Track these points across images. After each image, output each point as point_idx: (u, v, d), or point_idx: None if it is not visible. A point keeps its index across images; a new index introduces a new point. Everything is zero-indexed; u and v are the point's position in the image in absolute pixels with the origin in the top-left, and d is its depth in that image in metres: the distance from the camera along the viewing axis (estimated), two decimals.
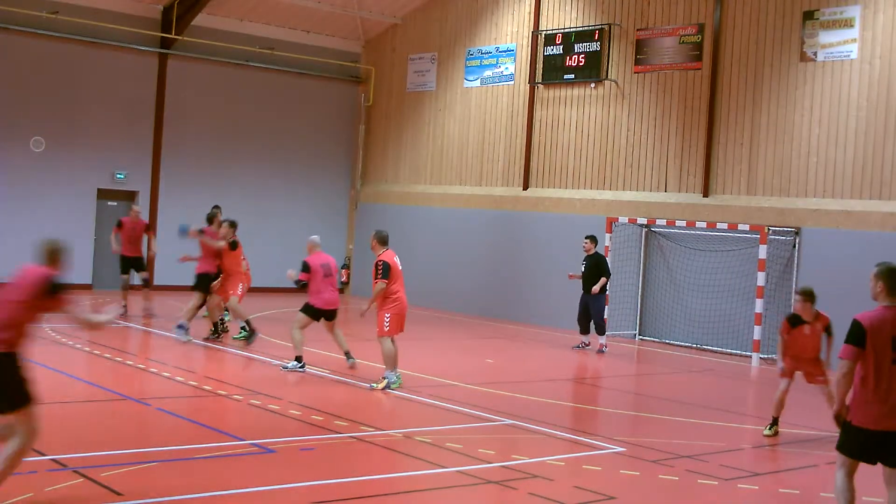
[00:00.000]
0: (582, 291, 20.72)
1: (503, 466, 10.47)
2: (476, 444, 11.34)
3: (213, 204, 21.87)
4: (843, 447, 8.08)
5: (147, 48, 27.23)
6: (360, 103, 31.07)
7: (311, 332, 19.51)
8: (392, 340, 14.68)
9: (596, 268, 20.56)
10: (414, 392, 14.45)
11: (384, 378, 14.62)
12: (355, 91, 31.17)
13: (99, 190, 26.86)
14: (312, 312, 15.91)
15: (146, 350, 18.26)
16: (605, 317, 21.19)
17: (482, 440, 11.47)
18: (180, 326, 18.33)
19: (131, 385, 14.39)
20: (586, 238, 20.73)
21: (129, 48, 26.94)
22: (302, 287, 16.07)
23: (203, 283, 18.80)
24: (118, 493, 8.54)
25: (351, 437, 11.34)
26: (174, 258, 21.38)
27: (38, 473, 8.99)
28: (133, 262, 22.17)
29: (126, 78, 27.11)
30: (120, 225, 22.02)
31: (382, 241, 15.28)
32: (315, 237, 16.65)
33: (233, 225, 18.79)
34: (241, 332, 18.85)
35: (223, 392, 13.90)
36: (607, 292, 21.07)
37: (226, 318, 19.55)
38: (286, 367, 15.85)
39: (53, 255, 8.30)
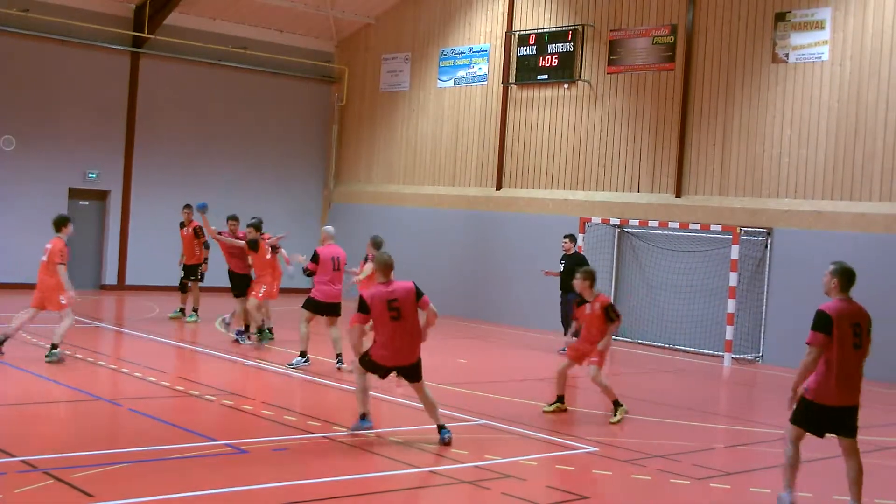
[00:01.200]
0: (560, 291, 20.70)
1: (476, 466, 10.47)
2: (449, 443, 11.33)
3: (185, 203, 21.87)
4: (800, 422, 9.18)
5: (119, 47, 27.09)
6: (333, 103, 31.02)
7: (285, 332, 19.45)
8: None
9: (577, 267, 20.49)
10: (386, 392, 14.43)
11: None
12: (328, 91, 31.12)
13: (70, 189, 26.70)
14: (313, 305, 15.97)
15: (118, 350, 18.16)
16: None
17: (455, 440, 11.45)
18: (239, 333, 18.40)
19: (103, 386, 14.31)
20: (565, 237, 20.73)
21: (101, 47, 26.79)
22: (309, 276, 16.09)
23: (237, 285, 18.75)
24: (89, 495, 8.48)
25: (324, 437, 11.31)
26: (147, 256, 21.31)
27: (8, 475, 8.93)
28: None
29: (98, 77, 26.96)
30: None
31: (377, 246, 16.54)
32: (329, 227, 16.62)
33: (257, 227, 18.38)
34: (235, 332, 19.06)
35: (196, 392, 13.84)
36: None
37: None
38: (292, 365, 15.97)
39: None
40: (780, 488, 9.46)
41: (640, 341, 22.75)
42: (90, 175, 26.92)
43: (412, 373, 11.33)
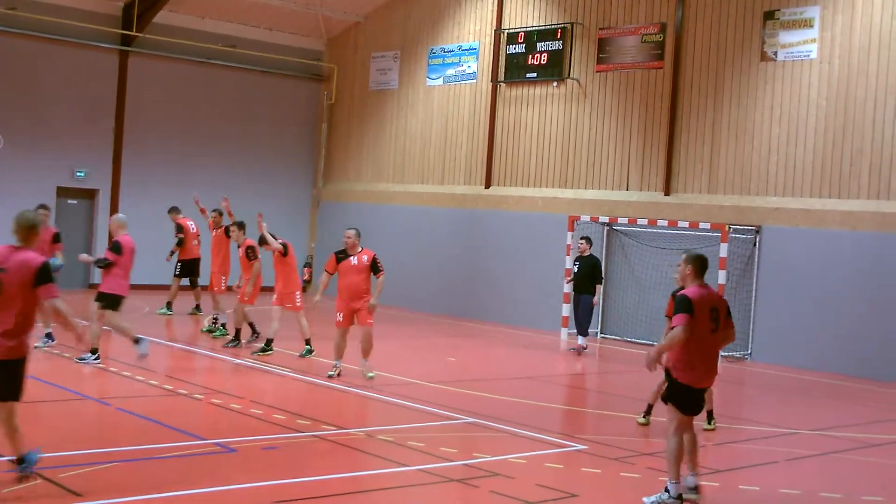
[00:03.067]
0: (574, 293, 20.75)
1: (465, 465, 10.47)
2: (438, 442, 11.33)
3: (173, 202, 21.95)
4: (684, 408, 9.43)
5: (108, 45, 27.02)
6: (322, 101, 31.00)
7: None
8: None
9: (591, 270, 20.51)
10: (376, 390, 14.43)
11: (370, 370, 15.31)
12: (318, 89, 31.09)
13: (59, 188, 26.63)
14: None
15: (106, 349, 18.11)
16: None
17: (444, 438, 11.46)
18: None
19: (91, 385, 14.28)
20: (582, 239, 20.77)
21: (90, 45, 26.73)
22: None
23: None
24: (77, 494, 8.46)
25: (313, 436, 11.30)
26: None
27: None
28: None
29: (86, 75, 26.89)
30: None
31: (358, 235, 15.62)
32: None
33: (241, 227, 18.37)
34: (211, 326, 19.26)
35: (184, 391, 13.81)
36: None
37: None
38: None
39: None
40: (770, 487, 9.45)
41: (629, 339, 22.77)
42: (78, 174, 26.86)
43: None
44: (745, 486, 10.42)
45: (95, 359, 15.30)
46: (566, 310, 22.74)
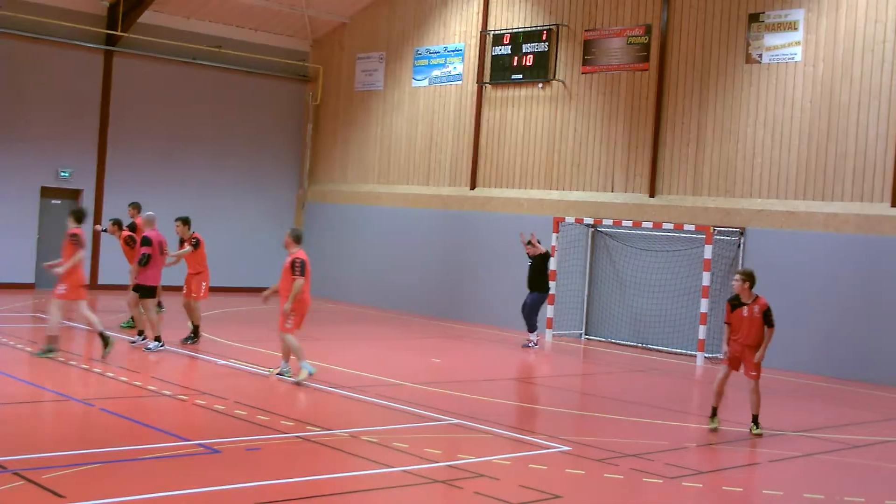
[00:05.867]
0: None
1: (449, 466, 10.47)
2: (422, 443, 11.34)
3: (158, 202, 21.85)
4: None
5: (92, 45, 26.94)
6: (307, 102, 30.97)
7: (259, 331, 19.45)
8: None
9: (539, 268, 21.44)
10: (360, 391, 14.43)
11: (302, 368, 14.91)
12: (303, 90, 31.06)
13: (43, 188, 26.55)
14: None
15: (90, 350, 18.05)
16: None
17: (428, 440, 11.47)
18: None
19: (74, 385, 14.23)
20: (527, 243, 21.44)
21: (75, 45, 26.65)
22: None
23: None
24: (60, 496, 8.44)
25: (297, 436, 11.29)
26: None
27: None
28: None
29: (71, 75, 26.81)
30: None
31: (297, 239, 15.49)
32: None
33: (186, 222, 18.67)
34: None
35: (168, 392, 13.78)
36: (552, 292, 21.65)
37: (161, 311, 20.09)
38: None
39: None
40: (753, 488, 9.49)
41: (613, 340, 22.81)
42: (63, 174, 26.77)
43: None
44: (729, 486, 10.45)
45: (161, 346, 17.06)
46: (551, 311, 22.80)
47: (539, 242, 21.41)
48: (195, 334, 18.31)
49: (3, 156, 25.85)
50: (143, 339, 17.56)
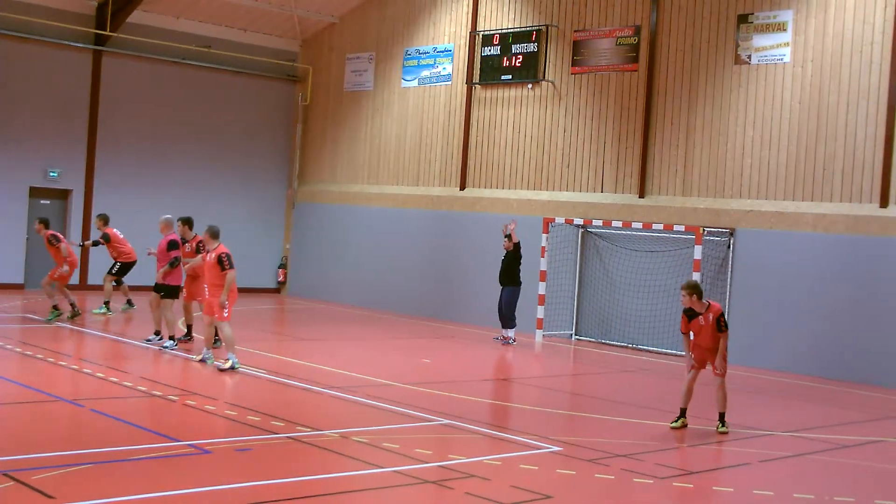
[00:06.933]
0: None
1: (440, 466, 10.48)
2: (413, 444, 11.34)
3: (147, 202, 21.85)
4: None
5: (81, 45, 26.87)
6: (297, 102, 30.94)
7: (248, 332, 19.43)
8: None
9: (510, 264, 22.06)
10: (351, 392, 14.42)
11: (229, 359, 15.54)
12: (292, 90, 31.03)
13: (31, 188, 26.47)
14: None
15: (80, 350, 18.03)
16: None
17: (419, 440, 11.46)
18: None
19: (64, 386, 14.19)
20: (505, 237, 22.04)
21: (63, 45, 26.57)
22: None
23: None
24: (50, 497, 8.41)
25: (287, 437, 11.28)
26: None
27: None
28: None
29: (59, 75, 26.73)
30: None
31: (215, 234, 16.22)
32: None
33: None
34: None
35: (158, 393, 13.76)
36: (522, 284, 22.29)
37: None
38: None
39: None
40: (744, 488, 9.49)
41: (603, 341, 22.83)
42: (51, 174, 26.69)
43: None
44: (719, 487, 10.47)
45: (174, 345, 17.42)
46: (541, 311, 22.82)
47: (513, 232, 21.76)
48: (188, 334, 18.30)
49: None
50: (159, 339, 17.93)
